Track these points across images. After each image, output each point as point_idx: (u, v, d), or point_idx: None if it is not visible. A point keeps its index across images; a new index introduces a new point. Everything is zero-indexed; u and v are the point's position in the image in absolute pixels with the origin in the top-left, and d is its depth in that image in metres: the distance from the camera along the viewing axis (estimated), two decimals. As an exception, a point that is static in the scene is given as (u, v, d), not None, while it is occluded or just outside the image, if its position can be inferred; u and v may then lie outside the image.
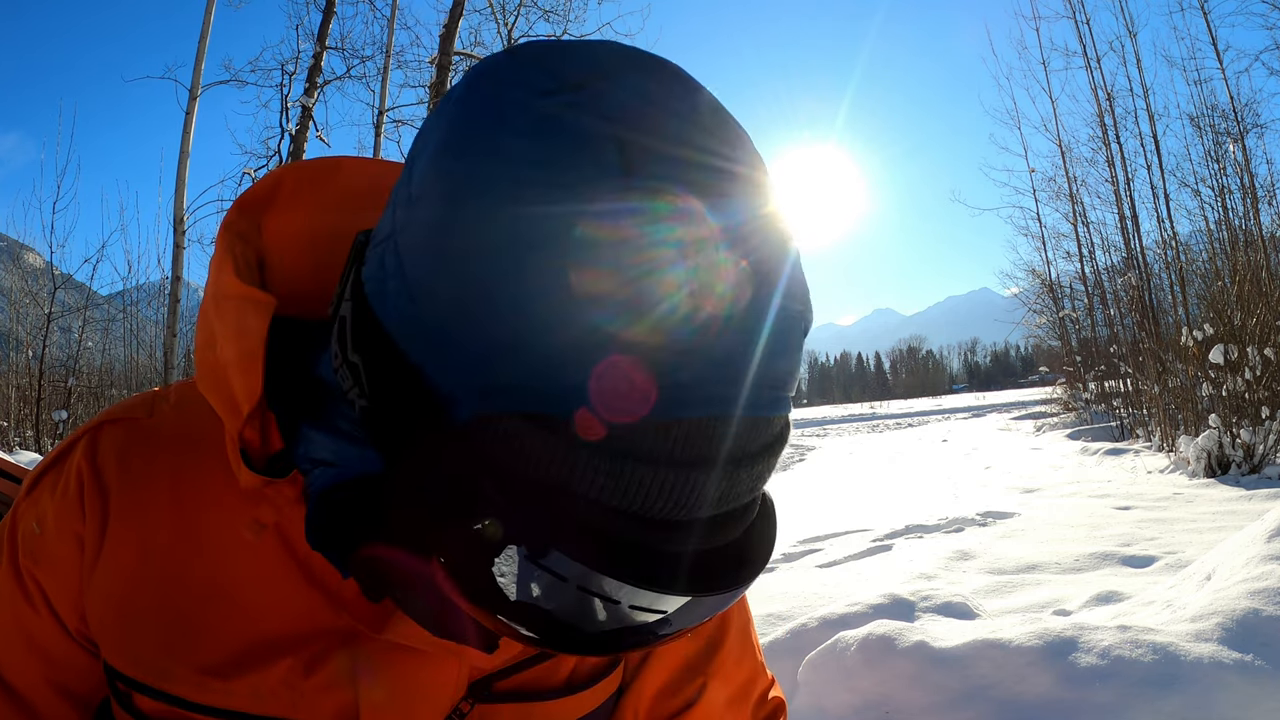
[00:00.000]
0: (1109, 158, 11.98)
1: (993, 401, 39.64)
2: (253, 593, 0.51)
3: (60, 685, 0.54)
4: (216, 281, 0.51)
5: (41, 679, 0.54)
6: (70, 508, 0.53)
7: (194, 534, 0.52)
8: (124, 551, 0.52)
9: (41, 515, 0.54)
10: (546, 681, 0.55)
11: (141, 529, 0.52)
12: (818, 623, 2.56)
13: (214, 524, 0.52)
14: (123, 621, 0.51)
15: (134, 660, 0.51)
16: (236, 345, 0.48)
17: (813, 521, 5.73)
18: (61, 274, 10.06)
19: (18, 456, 6.00)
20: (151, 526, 0.52)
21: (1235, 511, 4.64)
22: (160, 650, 0.51)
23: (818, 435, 22.54)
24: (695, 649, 0.63)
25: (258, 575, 0.51)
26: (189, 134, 8.23)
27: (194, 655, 0.50)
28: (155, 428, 0.55)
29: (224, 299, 0.49)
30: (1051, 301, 14.42)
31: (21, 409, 9.25)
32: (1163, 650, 1.96)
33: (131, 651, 0.51)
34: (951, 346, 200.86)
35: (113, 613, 0.52)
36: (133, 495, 0.53)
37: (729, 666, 0.64)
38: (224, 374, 0.49)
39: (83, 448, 0.54)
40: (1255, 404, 6.45)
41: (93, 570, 0.52)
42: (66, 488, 0.53)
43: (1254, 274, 7.38)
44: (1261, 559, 2.29)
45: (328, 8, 9.07)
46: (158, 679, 0.50)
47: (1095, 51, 12.17)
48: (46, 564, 0.53)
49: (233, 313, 0.49)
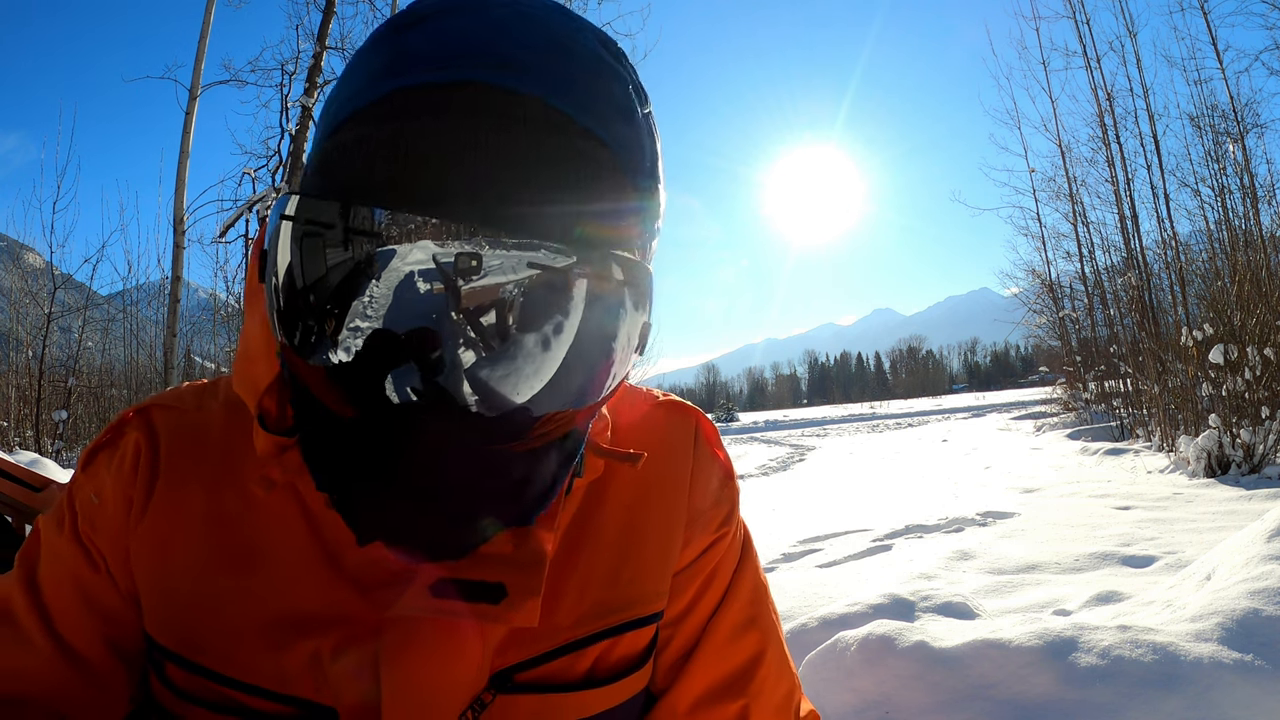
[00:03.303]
0: (1109, 158, 11.99)
1: (993, 401, 39.66)
2: (278, 569, 0.54)
3: (114, 642, 0.58)
4: (250, 278, 0.55)
5: (98, 636, 0.58)
6: (126, 477, 0.58)
7: (226, 513, 0.56)
8: (162, 523, 0.56)
9: (99, 486, 0.59)
10: (567, 674, 0.56)
11: (181, 505, 0.57)
12: (818, 623, 2.56)
13: (245, 507, 0.56)
14: (159, 589, 0.56)
15: (167, 629, 0.55)
16: (262, 332, 0.54)
17: (813, 521, 5.73)
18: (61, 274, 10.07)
19: (18, 456, 5.99)
20: (189, 503, 0.57)
21: (1235, 511, 4.64)
22: (191, 620, 0.54)
23: (818, 435, 22.54)
24: (737, 663, 0.63)
25: (283, 553, 0.54)
26: (189, 134, 8.24)
27: (222, 625, 0.53)
28: (204, 421, 0.60)
29: (256, 292, 0.54)
30: (1051, 301, 14.42)
31: (21, 409, 9.25)
32: (1163, 650, 1.96)
33: (165, 620, 0.55)
34: (951, 346, 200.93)
35: (150, 579, 0.56)
36: (177, 473, 0.58)
37: (770, 683, 0.64)
38: (252, 363, 0.55)
39: (137, 425, 0.60)
40: (1255, 404, 6.45)
41: (135, 533, 0.57)
42: (123, 460, 0.58)
43: (1254, 274, 7.37)
44: (1261, 559, 2.29)
45: (328, 8, 9.06)
46: (189, 650, 0.54)
47: (1095, 51, 12.21)
48: (104, 529, 0.58)
49: (260, 305, 0.54)
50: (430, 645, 0.52)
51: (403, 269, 0.42)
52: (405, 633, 0.52)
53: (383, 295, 0.42)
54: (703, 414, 0.69)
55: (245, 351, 0.56)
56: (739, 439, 23.23)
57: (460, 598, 0.51)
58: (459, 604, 0.51)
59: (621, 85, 0.49)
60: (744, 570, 0.67)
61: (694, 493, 0.64)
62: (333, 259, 0.43)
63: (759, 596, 0.67)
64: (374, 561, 0.53)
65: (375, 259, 0.42)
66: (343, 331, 0.43)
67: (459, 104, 0.44)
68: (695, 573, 0.64)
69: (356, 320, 0.43)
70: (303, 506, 0.55)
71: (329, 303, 0.43)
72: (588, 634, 0.57)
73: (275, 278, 0.44)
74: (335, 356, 0.44)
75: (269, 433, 0.53)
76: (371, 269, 0.42)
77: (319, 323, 0.43)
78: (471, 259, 0.42)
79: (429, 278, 0.42)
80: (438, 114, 0.44)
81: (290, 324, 0.44)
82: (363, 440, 0.45)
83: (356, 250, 0.42)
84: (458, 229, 0.42)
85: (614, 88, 0.49)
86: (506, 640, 0.54)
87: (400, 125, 0.44)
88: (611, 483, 0.61)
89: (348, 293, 0.43)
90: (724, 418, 40.73)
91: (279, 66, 9.17)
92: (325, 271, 0.43)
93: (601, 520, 0.60)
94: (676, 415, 0.67)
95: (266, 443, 0.53)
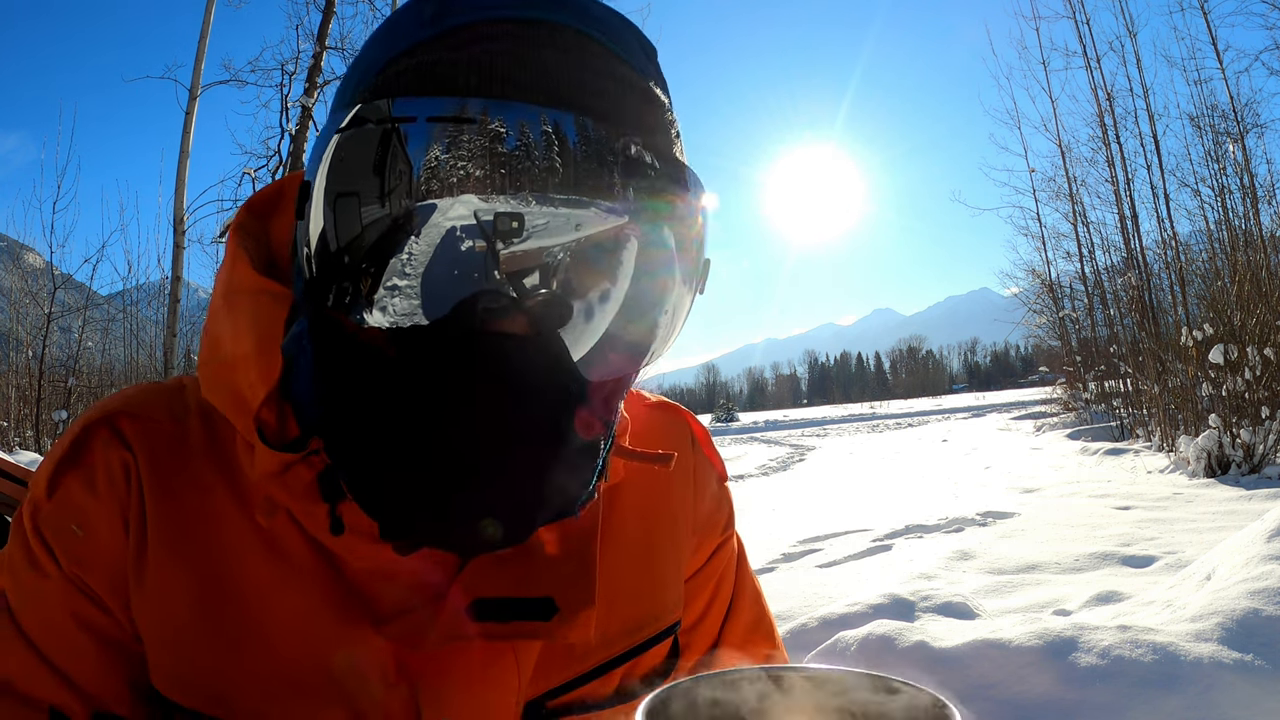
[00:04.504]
0: (1109, 158, 11.99)
1: (993, 401, 39.65)
2: (292, 611, 0.49)
3: (135, 682, 0.50)
4: (230, 279, 0.51)
5: (123, 680, 0.50)
6: (116, 494, 0.50)
7: (226, 547, 0.50)
8: (163, 562, 0.49)
9: (79, 515, 0.50)
10: (598, 694, 0.55)
11: (176, 542, 0.49)
12: (818, 623, 2.56)
13: (245, 539, 0.50)
14: (165, 639, 0.49)
15: (184, 687, 0.49)
16: (253, 334, 0.48)
17: (813, 521, 5.73)
18: (61, 274, 10.07)
19: (18, 456, 5.99)
20: (185, 539, 0.49)
21: (1235, 511, 4.64)
22: (213, 675, 0.48)
23: (818, 435, 22.53)
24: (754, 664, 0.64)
25: (294, 591, 0.49)
26: (189, 134, 8.24)
27: (245, 680, 0.48)
28: (182, 435, 0.52)
29: (240, 293, 0.50)
30: (1051, 301, 14.41)
31: (21, 409, 9.24)
32: (1163, 650, 1.96)
33: (178, 674, 0.49)
34: (951, 346, 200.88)
35: (156, 628, 0.49)
36: (166, 504, 0.50)
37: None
38: (233, 370, 0.49)
39: (105, 441, 0.51)
40: (1255, 404, 6.45)
41: (139, 570, 0.49)
42: (110, 478, 0.50)
43: (1254, 274, 7.37)
44: (1261, 559, 2.29)
45: (328, 8, 9.05)
46: (211, 705, 0.48)
47: (1095, 51, 12.20)
48: (97, 564, 0.49)
49: (249, 305, 0.49)
50: (469, 679, 0.49)
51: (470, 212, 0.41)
52: (441, 669, 0.48)
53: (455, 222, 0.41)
54: (692, 415, 0.68)
55: (221, 357, 0.50)
56: (739, 439, 23.22)
57: (503, 618, 0.48)
58: (503, 626, 0.48)
59: (657, 68, 0.52)
60: (745, 572, 0.67)
61: (697, 497, 0.64)
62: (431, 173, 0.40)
63: (759, 596, 0.67)
64: (391, 580, 0.49)
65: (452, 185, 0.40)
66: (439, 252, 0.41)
67: (542, 34, 0.44)
68: (705, 579, 0.64)
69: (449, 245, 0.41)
70: (305, 535, 0.49)
71: (411, 229, 0.41)
72: (618, 654, 0.56)
73: (351, 198, 0.41)
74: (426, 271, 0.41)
75: (272, 448, 0.47)
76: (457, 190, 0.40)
77: (407, 242, 0.41)
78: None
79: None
80: (522, 38, 0.44)
81: (364, 253, 0.41)
82: (421, 379, 0.42)
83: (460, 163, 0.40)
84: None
85: (653, 65, 0.51)
86: (539, 665, 0.52)
87: (489, 45, 0.43)
88: (624, 489, 0.58)
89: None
90: (724, 418, 40.71)
91: (279, 66, 9.15)
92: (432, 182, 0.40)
93: (619, 528, 0.58)
94: (672, 417, 0.66)
95: (270, 461, 0.47)
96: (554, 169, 0.40)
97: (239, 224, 0.54)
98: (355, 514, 0.47)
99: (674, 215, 0.45)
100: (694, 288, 0.49)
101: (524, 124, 0.40)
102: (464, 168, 0.40)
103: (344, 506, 0.47)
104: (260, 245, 0.54)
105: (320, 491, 0.47)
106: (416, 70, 0.44)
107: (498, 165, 0.40)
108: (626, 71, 0.46)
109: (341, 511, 0.47)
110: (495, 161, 0.40)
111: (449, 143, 0.40)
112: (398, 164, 0.40)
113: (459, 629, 0.47)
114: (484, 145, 0.40)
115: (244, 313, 0.49)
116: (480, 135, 0.40)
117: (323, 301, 0.43)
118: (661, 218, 0.45)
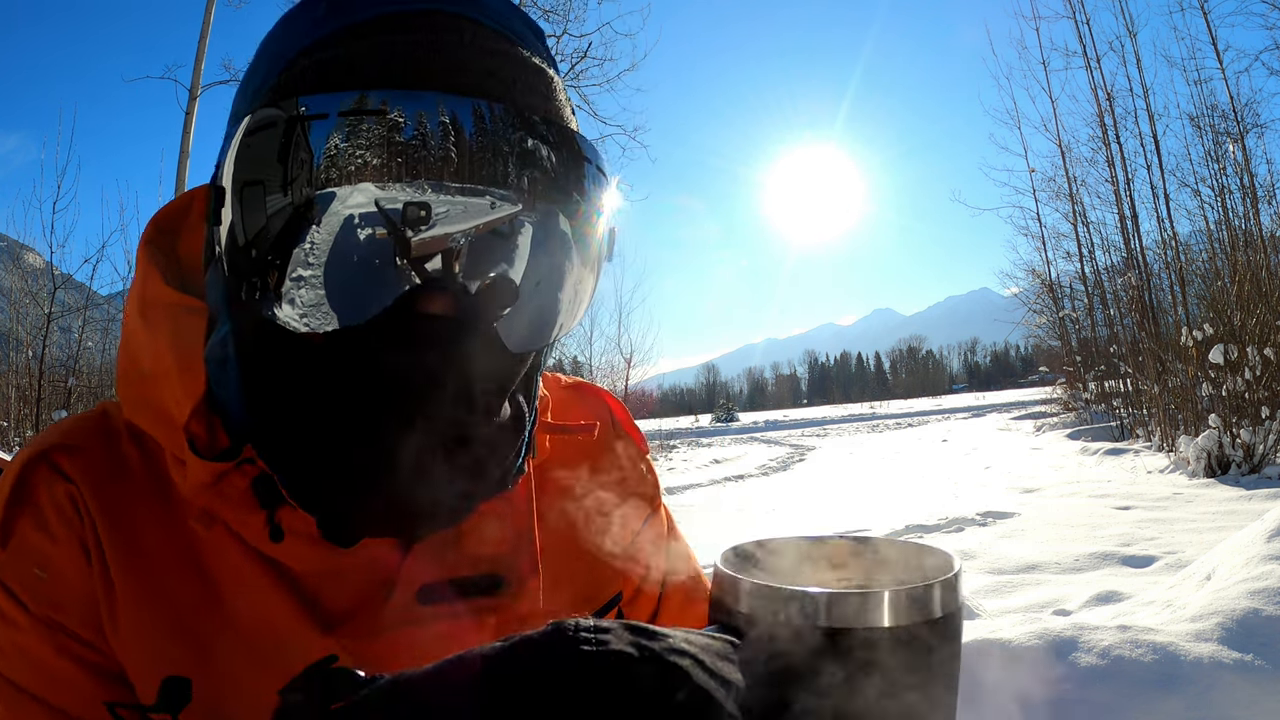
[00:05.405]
0: (1109, 158, 12.00)
1: (993, 401, 39.64)
2: (248, 625, 0.48)
3: (125, 701, 0.49)
4: (143, 294, 0.51)
5: (114, 700, 0.49)
6: (69, 526, 0.49)
7: (182, 567, 0.49)
8: (129, 600, 0.48)
9: (39, 557, 0.48)
10: None
11: (139, 574, 0.48)
12: (818, 623, 2.55)
13: (191, 555, 0.49)
14: (149, 670, 0.48)
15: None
16: (173, 349, 0.48)
17: (812, 521, 5.74)
18: (61, 274, 10.06)
19: (18, 456, 5.98)
20: (147, 572, 0.48)
21: (1235, 511, 4.64)
22: (197, 690, 0.48)
23: (818, 435, 22.53)
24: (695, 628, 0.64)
25: (246, 602, 0.48)
26: (189, 134, 8.24)
27: (226, 692, 0.48)
28: (120, 461, 0.51)
29: (155, 307, 0.50)
30: (1051, 301, 14.42)
31: (21, 409, 9.24)
32: (1163, 650, 1.96)
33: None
34: (951, 346, 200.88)
35: (136, 660, 0.48)
36: (120, 533, 0.49)
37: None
38: (156, 387, 0.48)
39: (47, 477, 0.50)
40: (1255, 404, 6.46)
41: (108, 596, 0.48)
42: (60, 511, 0.49)
43: (1254, 274, 7.37)
44: (1261, 559, 2.29)
45: (328, 8, 9.06)
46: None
47: (1095, 51, 12.20)
48: (67, 601, 0.48)
49: (167, 320, 0.50)
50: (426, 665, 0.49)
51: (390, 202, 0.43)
52: (399, 659, 0.48)
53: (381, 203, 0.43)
54: (610, 394, 0.71)
55: (142, 374, 0.49)
56: (739, 439, 23.23)
57: (452, 600, 0.49)
58: (453, 606, 0.48)
59: (546, 48, 0.53)
60: (676, 538, 0.70)
61: (622, 472, 0.66)
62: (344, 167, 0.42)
63: (691, 557, 0.69)
64: (337, 578, 0.49)
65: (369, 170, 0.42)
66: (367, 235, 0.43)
67: (439, 20, 0.46)
68: (638, 550, 0.65)
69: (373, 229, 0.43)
70: (245, 545, 0.49)
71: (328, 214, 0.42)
72: None
73: (257, 188, 0.43)
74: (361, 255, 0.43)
75: (204, 459, 0.46)
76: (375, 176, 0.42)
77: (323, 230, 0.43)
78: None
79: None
80: (418, 27, 0.46)
81: (291, 238, 0.43)
82: (348, 366, 0.45)
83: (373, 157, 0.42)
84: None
85: (542, 44, 0.53)
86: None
87: (387, 37, 0.45)
88: (550, 468, 0.61)
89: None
90: (724, 418, 40.73)
91: (279, 66, 9.15)
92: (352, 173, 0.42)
93: (549, 507, 0.59)
94: (590, 397, 0.69)
95: (203, 473, 0.46)
96: (450, 157, 0.43)
97: (148, 239, 0.54)
98: (293, 518, 0.48)
99: (577, 189, 0.47)
100: (602, 257, 0.52)
101: (424, 114, 0.43)
102: (366, 157, 0.42)
103: (282, 512, 0.48)
104: (170, 260, 0.54)
105: (256, 499, 0.48)
106: (318, 67, 0.46)
107: (396, 154, 0.42)
108: (518, 52, 0.48)
109: (280, 518, 0.48)
110: (395, 151, 0.42)
111: (351, 134, 0.42)
112: (302, 158, 0.42)
113: (410, 616, 0.48)
114: (384, 135, 0.42)
115: (162, 328, 0.49)
116: (381, 126, 0.42)
117: (250, 300, 0.44)
118: (564, 194, 0.47)
